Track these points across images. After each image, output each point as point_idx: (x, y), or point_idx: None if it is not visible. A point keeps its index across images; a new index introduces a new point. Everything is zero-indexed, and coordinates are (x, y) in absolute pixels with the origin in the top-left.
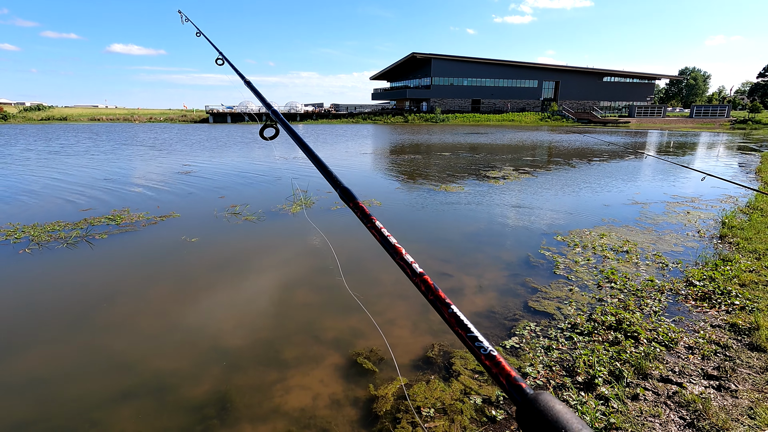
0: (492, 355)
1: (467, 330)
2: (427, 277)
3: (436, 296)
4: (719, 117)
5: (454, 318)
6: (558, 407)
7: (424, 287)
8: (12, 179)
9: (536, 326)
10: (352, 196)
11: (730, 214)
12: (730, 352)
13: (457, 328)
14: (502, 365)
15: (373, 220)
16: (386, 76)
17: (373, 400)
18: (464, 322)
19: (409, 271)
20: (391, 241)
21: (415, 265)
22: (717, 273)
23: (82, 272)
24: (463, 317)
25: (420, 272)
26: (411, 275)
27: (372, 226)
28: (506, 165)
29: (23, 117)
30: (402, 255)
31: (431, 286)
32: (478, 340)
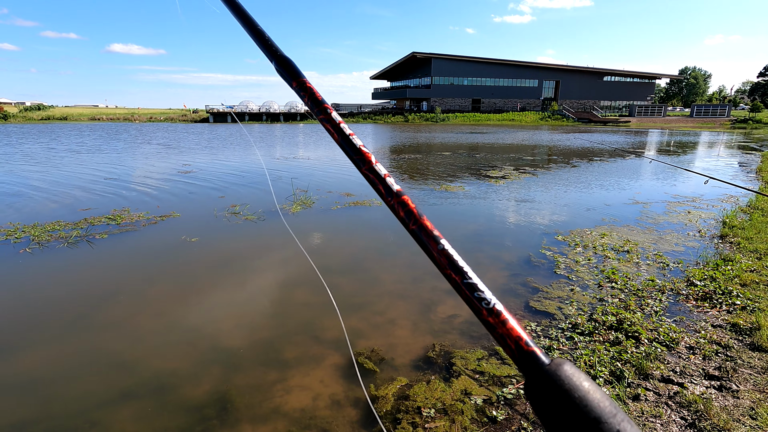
0: (497, 311)
1: (464, 276)
2: (407, 197)
3: (421, 225)
4: (720, 116)
5: (446, 257)
6: (586, 384)
7: (402, 212)
8: (23, 177)
9: (537, 326)
10: (296, 71)
11: (730, 213)
12: (732, 353)
13: (449, 271)
14: (508, 325)
15: (327, 109)
16: (386, 75)
17: (373, 400)
18: (459, 265)
19: (382, 188)
20: (355, 143)
21: (390, 180)
22: (718, 273)
23: (82, 272)
24: (458, 257)
25: (397, 190)
26: (384, 194)
27: (326, 117)
28: (506, 164)
29: (23, 117)
30: (372, 164)
31: (413, 211)
32: (479, 290)
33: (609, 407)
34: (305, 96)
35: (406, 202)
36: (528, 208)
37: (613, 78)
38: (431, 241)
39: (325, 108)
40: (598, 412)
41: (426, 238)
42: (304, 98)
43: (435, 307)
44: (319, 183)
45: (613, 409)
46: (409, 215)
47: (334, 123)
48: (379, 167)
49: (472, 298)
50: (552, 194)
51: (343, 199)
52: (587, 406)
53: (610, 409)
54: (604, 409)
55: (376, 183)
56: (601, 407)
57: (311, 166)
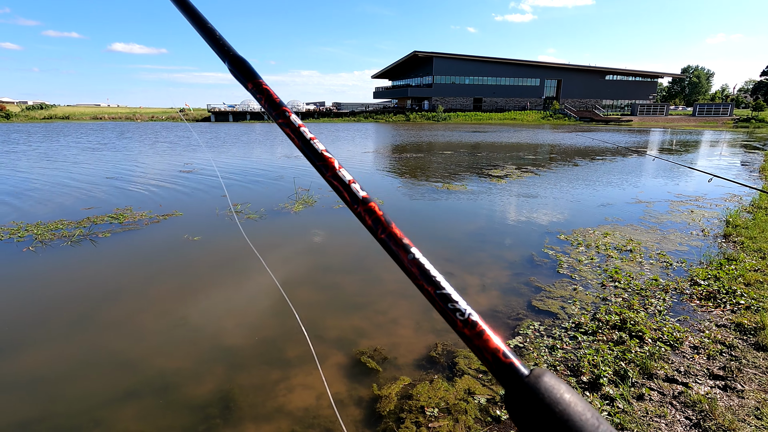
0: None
1: (437, 286)
2: (374, 204)
3: (390, 234)
4: (722, 115)
5: (417, 267)
6: (567, 396)
7: (370, 219)
8: (28, 175)
9: (540, 326)
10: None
11: (734, 212)
12: (736, 352)
13: (422, 281)
14: (486, 336)
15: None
16: (388, 74)
17: (376, 399)
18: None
19: (347, 195)
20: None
21: (356, 186)
22: (722, 272)
23: (85, 270)
24: (431, 266)
25: (363, 197)
26: (350, 203)
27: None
28: (508, 163)
29: (26, 116)
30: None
31: (381, 218)
32: (453, 300)
33: (591, 419)
34: (262, 98)
35: (373, 209)
36: (530, 207)
37: (615, 77)
38: (401, 251)
39: (283, 111)
40: (580, 425)
41: (396, 247)
42: (261, 100)
43: None
44: (321, 182)
45: (595, 421)
46: (376, 223)
47: (293, 127)
48: (343, 173)
49: (446, 309)
50: (554, 193)
51: None
52: (569, 418)
53: (592, 422)
54: (586, 421)
55: (341, 190)
56: (583, 420)
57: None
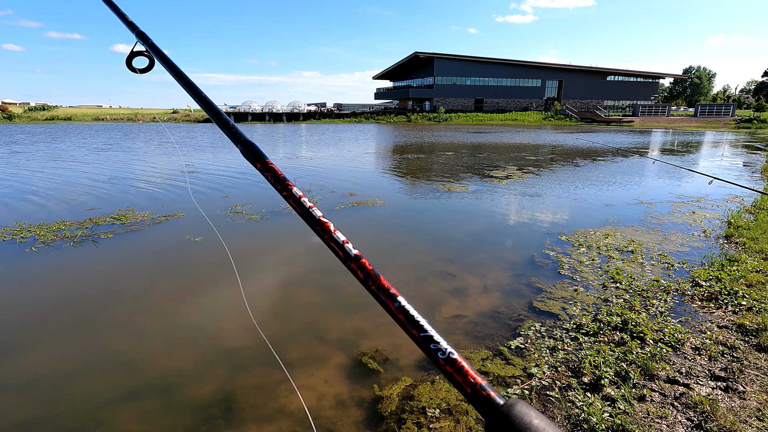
0: (453, 359)
1: (421, 329)
2: (365, 260)
3: (379, 285)
4: (724, 116)
5: (404, 313)
6: (535, 421)
7: (361, 274)
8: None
9: (541, 326)
10: (259, 154)
11: (736, 213)
12: (738, 353)
13: (408, 326)
14: (465, 371)
15: (289, 186)
16: (389, 75)
17: (378, 400)
18: (416, 319)
19: (341, 254)
20: (316, 215)
21: (349, 245)
22: (723, 273)
23: (87, 271)
24: (415, 312)
25: (355, 255)
26: (344, 259)
27: (289, 194)
28: (510, 164)
29: (28, 117)
30: (331, 233)
31: (371, 272)
32: (435, 341)
33: None
34: (269, 175)
35: (364, 265)
36: (531, 208)
37: (617, 78)
38: (389, 300)
39: (287, 185)
40: None
41: (384, 297)
42: (267, 176)
43: (439, 307)
44: (323, 183)
45: None
46: (367, 277)
47: (295, 198)
48: (338, 235)
49: (429, 349)
50: (555, 194)
51: (347, 199)
52: None
53: None
54: None
55: (336, 250)
56: None
57: (314, 166)
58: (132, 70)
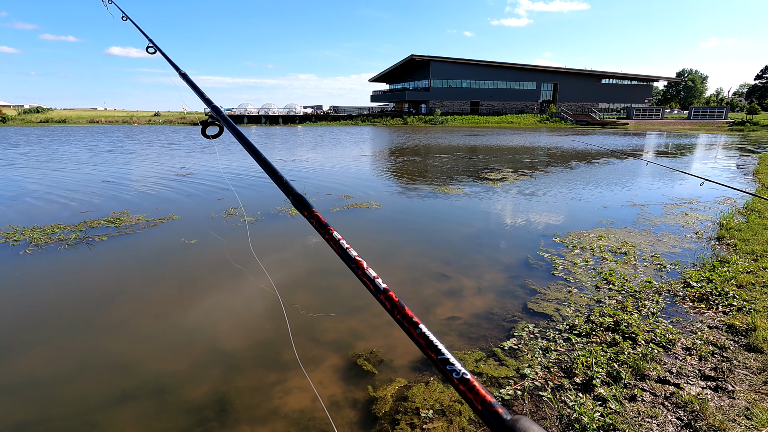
0: (466, 379)
1: (438, 352)
2: (392, 293)
3: (403, 315)
4: (717, 119)
5: (424, 339)
6: None
7: (389, 305)
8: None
9: (535, 327)
10: (306, 204)
11: (727, 215)
12: (728, 353)
13: (427, 350)
14: (476, 389)
15: (330, 230)
16: (385, 78)
17: (372, 401)
18: (435, 344)
19: (372, 288)
20: (352, 254)
21: (379, 280)
22: (714, 274)
23: (81, 274)
24: (434, 338)
25: (384, 288)
26: (374, 292)
27: (330, 237)
28: (505, 167)
29: (22, 119)
30: (365, 270)
31: (397, 303)
32: (450, 363)
33: None
34: (314, 221)
35: (391, 297)
36: (526, 209)
37: (611, 81)
38: (411, 327)
39: (328, 229)
40: None
41: (408, 324)
42: (313, 222)
43: (434, 308)
44: (318, 185)
45: None
46: (393, 307)
47: (335, 241)
48: (370, 271)
49: (445, 370)
50: (549, 196)
51: (342, 201)
52: None
53: None
54: None
55: (368, 284)
56: None
57: (310, 168)
58: (205, 137)
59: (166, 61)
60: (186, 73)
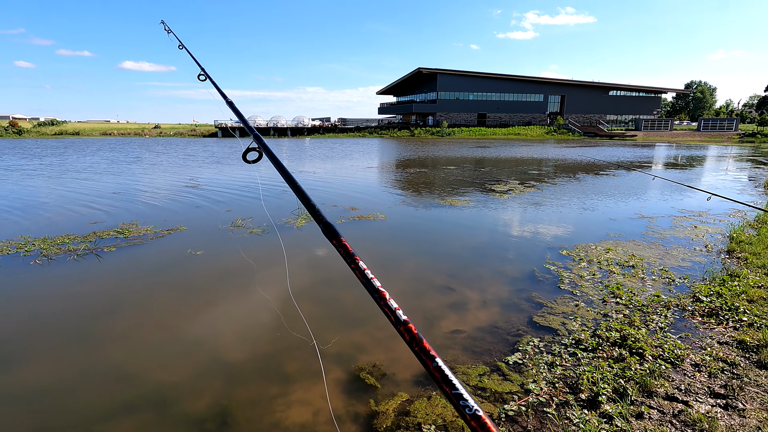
0: (478, 416)
1: (453, 387)
2: (411, 325)
3: (421, 347)
4: (727, 130)
5: (439, 372)
6: None
7: (408, 336)
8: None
9: (540, 342)
10: (336, 233)
11: (738, 228)
12: (738, 370)
13: (442, 384)
14: (488, 427)
15: (356, 260)
16: (392, 90)
17: (373, 415)
18: (449, 378)
19: (393, 319)
20: (375, 285)
21: (400, 312)
22: (724, 289)
23: (88, 284)
24: (449, 372)
25: (404, 320)
26: (395, 323)
27: (356, 266)
28: (511, 179)
29: (37, 132)
30: (386, 300)
31: (416, 335)
32: (464, 398)
33: None
34: (341, 250)
35: (411, 329)
36: (532, 222)
37: (619, 92)
38: (428, 360)
39: (355, 259)
40: None
41: (425, 357)
42: (341, 251)
43: (438, 321)
44: (325, 197)
45: None
46: (413, 339)
47: (360, 270)
48: (391, 302)
49: (459, 405)
50: (556, 208)
51: (348, 213)
52: None
53: None
54: None
55: (389, 314)
56: None
57: (317, 180)
58: (246, 161)
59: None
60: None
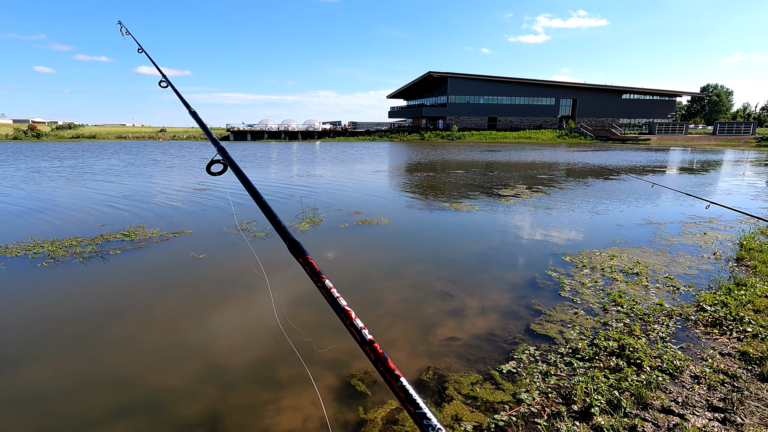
0: None
1: (416, 406)
2: (377, 345)
3: (386, 367)
4: (744, 134)
5: (404, 392)
6: None
7: (373, 356)
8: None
9: (536, 350)
10: (302, 250)
11: (748, 235)
12: (739, 383)
13: (406, 403)
14: None
15: (323, 278)
16: (403, 94)
17: (362, 423)
18: (413, 398)
19: (359, 338)
20: (341, 304)
21: (365, 331)
22: (730, 298)
23: (92, 287)
24: (413, 392)
25: (370, 339)
26: (360, 342)
27: (322, 285)
28: (519, 183)
29: (55, 135)
30: (352, 320)
31: (380, 355)
32: (427, 418)
33: None
34: (308, 268)
35: (376, 349)
36: (537, 227)
37: (632, 96)
38: (393, 380)
39: (321, 277)
40: None
41: (390, 377)
42: (307, 269)
43: (435, 329)
44: (330, 201)
45: None
46: (377, 359)
47: (327, 289)
48: (357, 322)
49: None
50: (562, 213)
51: (352, 217)
52: None
53: None
54: None
55: (355, 333)
56: None
57: (324, 183)
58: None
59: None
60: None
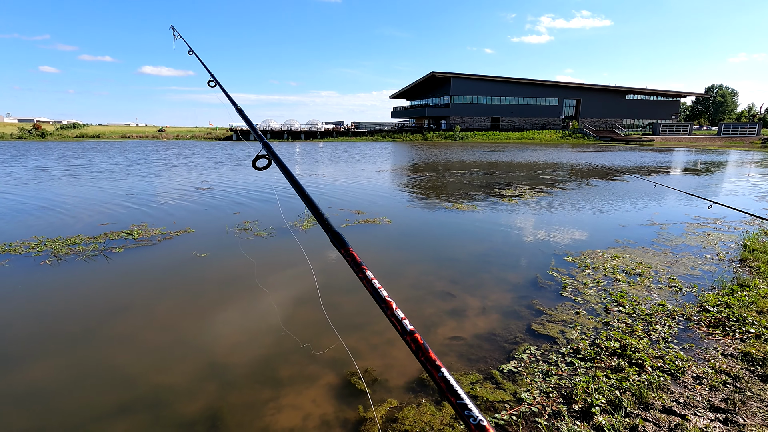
0: (482, 426)
1: (458, 396)
2: (418, 335)
3: (427, 357)
4: (749, 135)
5: (445, 382)
6: None
7: (414, 346)
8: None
9: (537, 350)
10: (344, 242)
11: (752, 236)
12: (741, 384)
13: (447, 393)
14: None
15: (364, 269)
16: (406, 94)
17: (361, 422)
18: (455, 388)
19: (399, 328)
20: (382, 294)
21: (406, 321)
22: (733, 299)
23: (94, 285)
24: (454, 382)
25: (410, 330)
26: (401, 332)
27: (363, 276)
28: (522, 183)
29: (59, 134)
30: (393, 310)
31: (422, 345)
32: (468, 408)
33: None
34: (349, 259)
35: (417, 339)
36: (539, 227)
37: (636, 96)
38: (434, 370)
39: (362, 268)
40: None
41: (431, 367)
42: (348, 260)
43: (436, 328)
44: (332, 200)
45: None
46: (419, 349)
47: (368, 280)
48: (398, 312)
49: (464, 415)
50: (565, 214)
51: (354, 216)
52: None
53: None
54: None
55: (396, 324)
56: None
57: (326, 183)
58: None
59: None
60: (242, 108)
